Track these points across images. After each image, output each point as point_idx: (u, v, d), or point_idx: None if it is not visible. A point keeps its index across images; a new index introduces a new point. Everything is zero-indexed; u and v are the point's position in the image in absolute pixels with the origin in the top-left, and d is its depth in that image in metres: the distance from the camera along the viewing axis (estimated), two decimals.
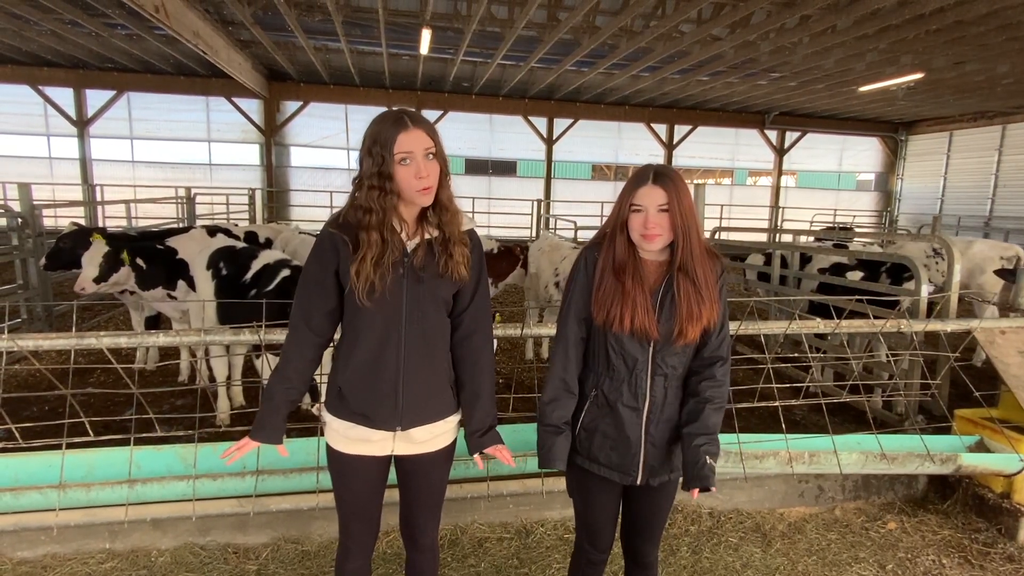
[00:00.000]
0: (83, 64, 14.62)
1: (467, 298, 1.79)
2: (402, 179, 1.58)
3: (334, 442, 1.78)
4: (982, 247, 6.41)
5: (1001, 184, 17.12)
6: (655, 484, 1.81)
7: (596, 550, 1.96)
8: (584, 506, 1.92)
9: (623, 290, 1.68)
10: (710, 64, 11.97)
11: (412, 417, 1.72)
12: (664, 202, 1.63)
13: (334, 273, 1.69)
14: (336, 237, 1.65)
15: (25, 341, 2.43)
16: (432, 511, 1.89)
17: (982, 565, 2.89)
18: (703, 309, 1.68)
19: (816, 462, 2.93)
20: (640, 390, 1.73)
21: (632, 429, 1.74)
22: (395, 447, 1.77)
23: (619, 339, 1.71)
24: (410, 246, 1.67)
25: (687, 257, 1.67)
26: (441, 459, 1.85)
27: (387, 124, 1.58)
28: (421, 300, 1.68)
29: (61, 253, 4.84)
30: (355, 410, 1.71)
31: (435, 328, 1.74)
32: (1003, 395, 3.48)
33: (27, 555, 2.66)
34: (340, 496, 1.82)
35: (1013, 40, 9.63)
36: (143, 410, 2.60)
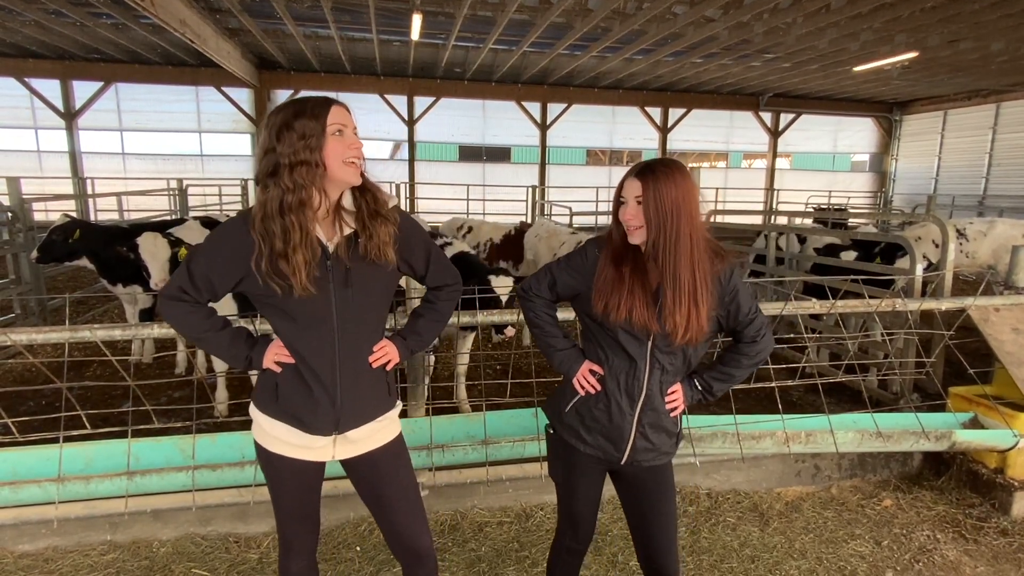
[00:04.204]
0: (69, 55, 14.41)
1: (422, 267, 1.77)
2: (332, 151, 1.49)
3: (267, 443, 1.66)
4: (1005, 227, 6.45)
5: (995, 163, 17.14)
6: (646, 466, 1.79)
7: (576, 537, 1.93)
8: (567, 488, 1.90)
9: (620, 279, 1.66)
10: (704, 46, 11.89)
11: (350, 420, 1.64)
12: (639, 194, 1.61)
13: (232, 275, 1.56)
14: (243, 233, 1.52)
15: (18, 335, 2.41)
16: (415, 509, 1.77)
17: (976, 539, 2.93)
18: (697, 309, 1.60)
19: (812, 441, 2.96)
20: (637, 383, 1.72)
21: (625, 419, 1.74)
22: (335, 451, 1.69)
23: (618, 332, 1.69)
24: (331, 246, 1.56)
25: (666, 254, 1.59)
26: (394, 452, 1.76)
27: (310, 101, 1.51)
28: (351, 301, 1.59)
29: (53, 246, 4.81)
30: (288, 411, 1.62)
31: (370, 329, 1.67)
32: (997, 372, 3.51)
33: (28, 548, 2.67)
34: (277, 499, 1.73)
35: (1007, 17, 9.58)
36: (140, 402, 2.60)
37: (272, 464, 1.69)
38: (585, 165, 19.07)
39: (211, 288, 1.59)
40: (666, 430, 1.78)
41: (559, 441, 1.87)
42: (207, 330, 1.65)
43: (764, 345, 1.78)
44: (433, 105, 17.12)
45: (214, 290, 1.60)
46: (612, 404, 1.75)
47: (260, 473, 2.55)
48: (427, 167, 17.62)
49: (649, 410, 1.74)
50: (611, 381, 1.74)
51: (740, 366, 1.80)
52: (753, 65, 13.91)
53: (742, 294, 1.72)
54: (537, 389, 3.00)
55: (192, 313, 1.62)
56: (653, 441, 1.76)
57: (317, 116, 1.48)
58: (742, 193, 18.92)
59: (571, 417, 1.82)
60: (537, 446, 2.83)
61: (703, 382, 1.82)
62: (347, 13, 10.64)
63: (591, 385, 1.77)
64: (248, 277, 1.55)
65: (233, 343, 1.66)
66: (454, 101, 17.20)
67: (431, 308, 1.85)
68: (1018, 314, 3.41)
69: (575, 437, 1.82)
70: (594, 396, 1.77)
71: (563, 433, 1.85)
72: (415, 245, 1.72)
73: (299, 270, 1.48)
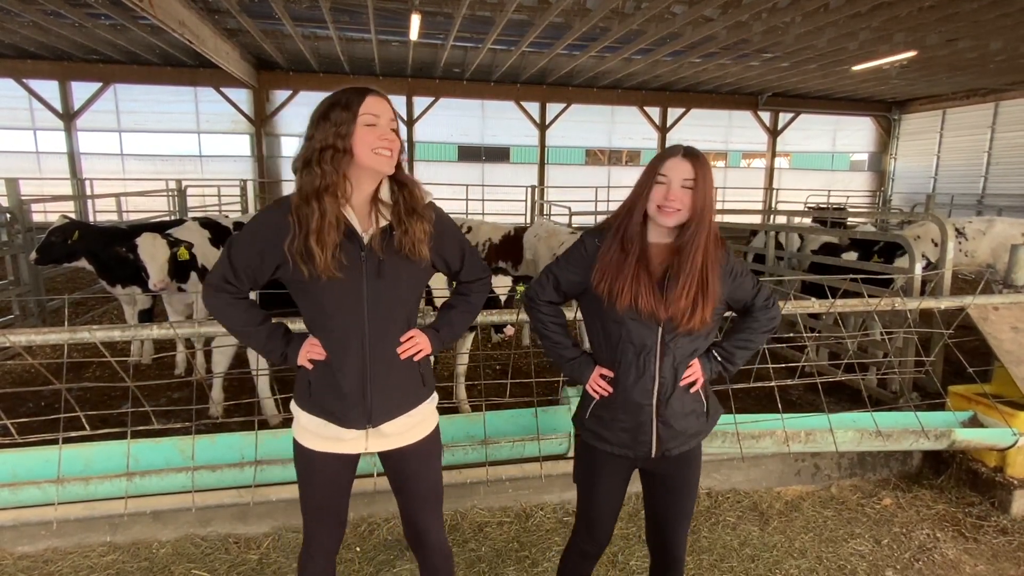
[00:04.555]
0: (68, 56, 14.40)
1: (456, 263, 1.80)
2: (363, 140, 1.51)
3: (302, 438, 1.70)
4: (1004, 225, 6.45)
5: (994, 162, 17.15)
6: (674, 454, 1.78)
7: (593, 541, 1.91)
8: (589, 489, 1.88)
9: (624, 263, 1.65)
10: (702, 46, 11.90)
11: (381, 413, 1.66)
12: (690, 177, 1.60)
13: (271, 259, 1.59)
14: (281, 217, 1.56)
15: (17, 336, 2.41)
16: (431, 508, 1.82)
17: (976, 538, 2.93)
18: (704, 296, 1.64)
19: (812, 441, 2.96)
20: (649, 372, 1.71)
21: (642, 411, 1.73)
22: (368, 444, 1.70)
23: (626, 321, 1.68)
24: (366, 237, 1.59)
25: (699, 240, 1.62)
26: (426, 452, 1.77)
27: (349, 92, 1.54)
28: (384, 293, 1.61)
29: (51, 247, 4.80)
30: (321, 406, 1.65)
31: (400, 322, 1.68)
32: (996, 370, 3.51)
33: (28, 550, 2.67)
34: (305, 495, 1.75)
35: (1005, 16, 9.59)
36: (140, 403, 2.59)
37: (304, 458, 1.73)
38: (584, 165, 19.07)
39: (251, 275, 1.62)
40: (691, 412, 1.78)
41: (583, 445, 1.88)
42: (247, 323, 1.69)
43: (776, 311, 1.84)
44: (432, 105, 17.12)
45: (254, 277, 1.63)
46: (628, 400, 1.74)
47: (260, 474, 2.56)
48: (426, 167, 17.60)
49: (666, 399, 1.73)
50: (624, 376, 1.73)
51: (757, 332, 1.85)
52: (752, 64, 13.91)
53: (741, 271, 1.77)
54: (537, 389, 3.00)
55: (233, 305, 1.67)
56: (677, 428, 1.75)
57: (350, 106, 1.52)
58: (741, 192, 18.92)
59: (592, 421, 1.82)
60: (537, 446, 2.83)
61: (723, 351, 1.82)
62: (346, 13, 10.64)
63: (603, 388, 1.77)
64: (284, 262, 1.58)
65: (270, 338, 1.70)
66: (453, 101, 17.19)
67: (464, 300, 1.88)
68: (1017, 313, 3.41)
69: (598, 439, 1.81)
70: (610, 396, 1.77)
71: (587, 437, 1.84)
72: (450, 242, 1.75)
73: (325, 249, 1.51)
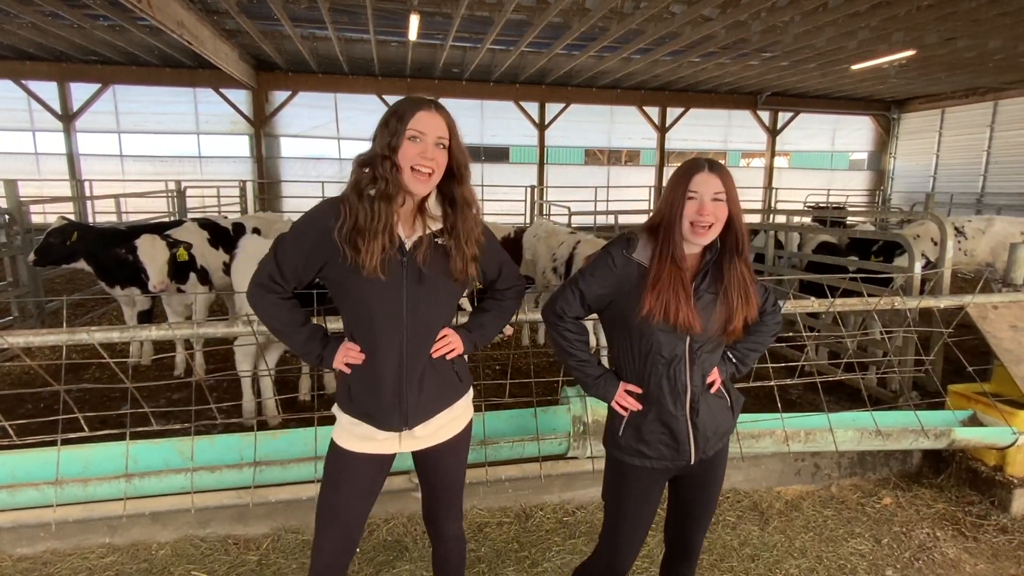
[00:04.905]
0: (66, 57, 14.38)
1: (494, 274, 1.85)
2: (406, 155, 1.54)
3: (341, 439, 1.73)
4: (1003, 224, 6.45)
5: (993, 160, 17.15)
6: (710, 455, 1.80)
7: (615, 566, 1.85)
8: (622, 509, 1.83)
9: (682, 280, 1.65)
10: (701, 45, 11.89)
11: (417, 416, 1.69)
12: (720, 190, 1.64)
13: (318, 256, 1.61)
14: (330, 212, 1.58)
15: (15, 338, 2.40)
16: (451, 503, 1.86)
17: (976, 537, 2.93)
18: (750, 302, 1.70)
19: (812, 440, 2.96)
20: (680, 383, 1.71)
21: (678, 423, 1.73)
22: (401, 445, 1.73)
23: (655, 333, 1.68)
24: (408, 243, 1.61)
25: (736, 251, 1.68)
26: (453, 451, 1.81)
27: (411, 101, 1.58)
28: (422, 300, 1.63)
29: (50, 248, 4.79)
30: (361, 409, 1.68)
31: (438, 324, 1.71)
32: (995, 369, 3.51)
33: (27, 551, 2.66)
34: (326, 498, 1.73)
35: (1004, 15, 9.59)
36: (139, 404, 2.59)
37: (337, 458, 1.73)
38: (584, 165, 19.06)
39: (297, 274, 1.64)
40: (719, 411, 1.80)
41: (617, 464, 1.84)
42: (289, 324, 1.71)
43: (780, 315, 1.91)
44: None
45: (300, 276, 1.65)
46: (663, 412, 1.73)
47: (259, 474, 2.56)
48: None
49: (698, 406, 1.74)
50: (656, 389, 1.73)
51: (765, 335, 1.90)
52: (751, 64, 13.91)
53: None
54: (536, 389, 2.99)
55: (278, 305, 1.69)
56: (710, 431, 1.77)
57: (402, 117, 1.55)
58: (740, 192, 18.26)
59: (628, 438, 1.79)
60: (536, 446, 2.83)
61: (737, 353, 1.87)
62: (345, 14, 10.63)
63: (632, 404, 1.76)
64: (331, 261, 1.59)
65: (310, 340, 1.72)
66: (452, 101, 17.15)
67: (497, 304, 1.90)
68: (1016, 311, 3.41)
69: (638, 456, 1.77)
70: (642, 410, 1.76)
71: (623, 456, 1.80)
72: (490, 259, 1.79)
73: (374, 255, 1.53)
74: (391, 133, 1.54)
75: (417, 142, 1.54)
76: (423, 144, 1.55)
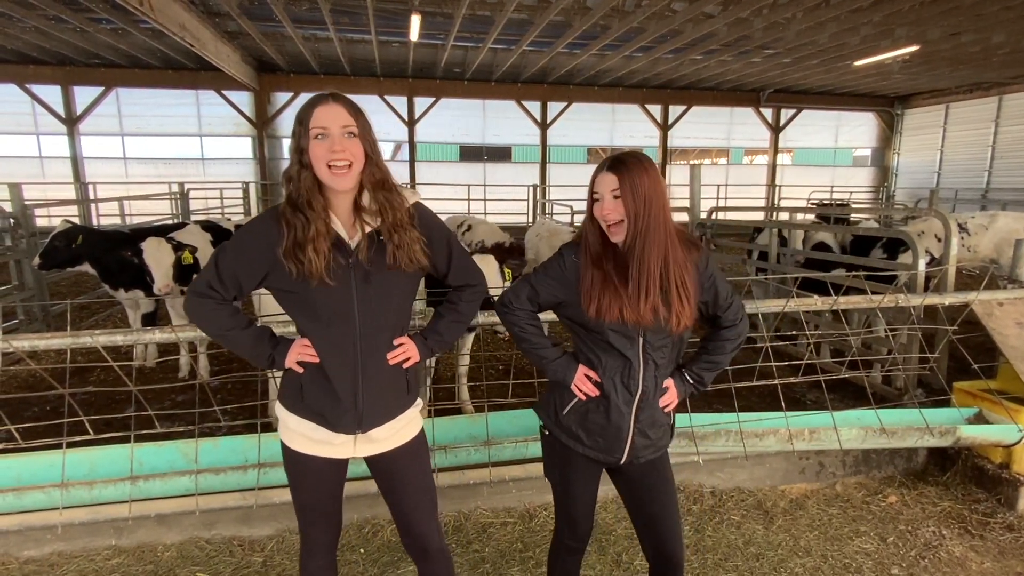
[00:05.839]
0: (70, 61, 14.45)
1: (444, 264, 1.76)
2: (315, 155, 1.49)
3: (292, 441, 1.69)
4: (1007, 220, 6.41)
5: (998, 156, 17.05)
6: (642, 461, 1.80)
7: (575, 537, 1.92)
8: (564, 487, 1.88)
9: (606, 279, 1.66)
10: (703, 43, 11.86)
11: (372, 418, 1.66)
12: (615, 187, 1.61)
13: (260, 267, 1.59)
14: (272, 225, 1.56)
15: (20, 342, 2.41)
16: (427, 512, 1.80)
17: (982, 535, 2.91)
18: (681, 296, 1.63)
19: (816, 439, 2.95)
20: (633, 381, 1.72)
21: (623, 419, 1.74)
22: (356, 449, 1.70)
23: (607, 332, 1.68)
24: (352, 244, 1.58)
25: (646, 243, 1.60)
26: (410, 454, 1.77)
27: (309, 101, 1.53)
28: (373, 299, 1.60)
29: (55, 252, 4.81)
30: (314, 409, 1.65)
31: (392, 327, 1.68)
32: (1001, 366, 3.49)
33: (33, 554, 2.68)
34: (297, 496, 1.75)
35: (1008, 9, 9.53)
36: (143, 407, 2.60)
37: (295, 462, 1.72)
38: (586, 163, 19.01)
39: (237, 283, 1.62)
40: (661, 424, 1.80)
41: (555, 443, 1.87)
42: (231, 328, 1.68)
43: (743, 327, 1.83)
44: (433, 105, 17.11)
45: (240, 285, 1.63)
46: (611, 406, 1.74)
47: (263, 476, 2.57)
48: (428, 167, 17.61)
49: (645, 407, 1.75)
50: (607, 383, 1.73)
51: (724, 351, 1.83)
52: (753, 61, 13.86)
53: (719, 280, 1.76)
54: (539, 389, 2.99)
55: (217, 310, 1.66)
56: (651, 437, 1.78)
57: (303, 120, 1.51)
58: (743, 189, 18.87)
59: (569, 419, 1.81)
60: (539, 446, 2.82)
61: (693, 374, 1.83)
62: (346, 15, 10.64)
63: (590, 389, 1.76)
64: (274, 271, 1.57)
65: (257, 342, 1.68)
66: (454, 101, 17.18)
67: (452, 309, 1.84)
68: (1022, 308, 3.39)
69: (573, 439, 1.81)
70: (590, 401, 1.76)
71: (560, 435, 1.84)
72: (435, 242, 1.71)
73: (314, 262, 1.50)
74: (297, 139, 1.51)
75: (323, 139, 1.49)
76: (330, 139, 1.50)
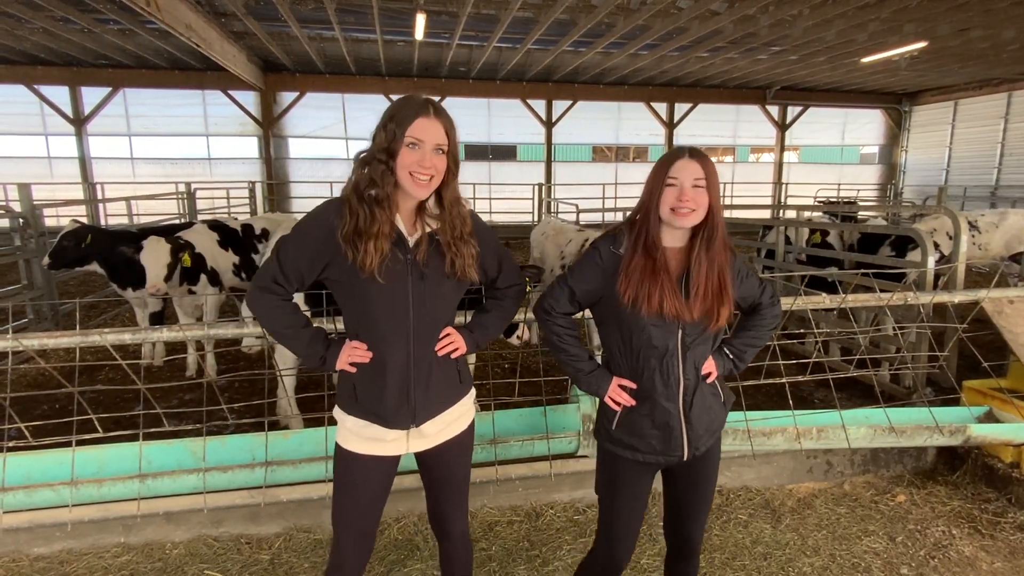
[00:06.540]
0: (77, 61, 14.53)
1: (495, 270, 1.83)
2: (403, 161, 1.54)
3: (346, 441, 1.72)
4: (1017, 217, 6.35)
5: (1007, 153, 16.90)
6: (702, 451, 1.79)
7: (615, 557, 1.86)
8: (615, 501, 1.84)
9: (654, 269, 1.65)
10: (709, 40, 11.80)
11: (425, 413, 1.70)
12: (700, 176, 1.61)
13: (321, 257, 1.61)
14: (332, 213, 1.59)
15: (30, 340, 2.43)
16: (458, 501, 1.87)
17: (992, 535, 2.89)
18: (724, 296, 1.67)
19: (824, 437, 2.93)
20: (672, 376, 1.70)
21: (671, 417, 1.72)
22: (409, 445, 1.73)
23: (647, 327, 1.67)
24: (411, 241, 1.62)
25: (715, 241, 1.65)
26: (459, 447, 1.82)
27: (410, 104, 1.55)
28: (427, 297, 1.64)
29: (64, 251, 4.84)
30: (368, 409, 1.68)
31: (442, 321, 1.72)
32: (1012, 365, 3.46)
33: (43, 551, 2.70)
34: (340, 503, 1.75)
35: (1018, 4, 9.43)
36: (151, 405, 2.61)
37: (346, 461, 1.73)
38: (591, 162, 19.01)
39: (300, 275, 1.63)
40: (711, 406, 1.79)
41: (609, 456, 1.84)
42: (290, 326, 1.71)
43: (779, 308, 1.90)
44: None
45: (302, 277, 1.64)
46: (656, 406, 1.73)
47: (271, 475, 2.57)
48: None
49: (691, 400, 1.73)
50: (649, 383, 1.72)
51: (764, 329, 1.89)
52: (759, 58, 13.79)
53: (747, 272, 1.81)
54: (545, 388, 2.99)
55: (279, 307, 1.68)
56: (703, 426, 1.76)
57: (401, 123, 1.53)
58: (750, 187, 18.77)
59: (620, 431, 1.79)
60: (546, 445, 2.82)
61: (734, 349, 1.85)
62: (351, 14, 10.66)
63: (626, 400, 1.76)
64: (334, 261, 1.59)
65: (312, 342, 1.71)
66: (459, 100, 17.16)
67: (498, 304, 1.91)
68: None
69: (629, 449, 1.78)
70: (636, 404, 1.75)
71: (616, 449, 1.81)
72: (489, 254, 1.78)
73: (372, 257, 1.53)
74: (389, 138, 1.53)
75: (415, 149, 1.53)
76: (421, 152, 1.53)
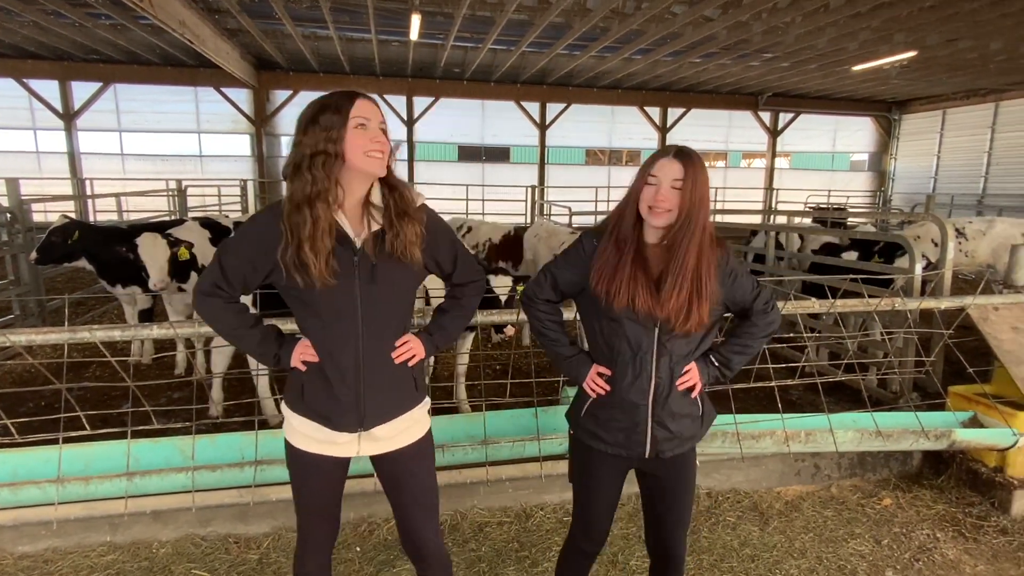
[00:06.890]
0: (68, 56, 14.40)
1: (449, 264, 1.77)
2: (354, 144, 1.49)
3: (295, 440, 1.70)
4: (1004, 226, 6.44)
5: (994, 162, 17.15)
6: (667, 456, 1.78)
7: (590, 540, 1.91)
8: (585, 487, 1.89)
9: (621, 263, 1.66)
10: (702, 46, 11.90)
11: (374, 417, 1.66)
12: (680, 177, 1.60)
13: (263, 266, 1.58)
14: (272, 224, 1.54)
15: (17, 336, 2.41)
16: (427, 513, 1.79)
17: (976, 538, 2.93)
18: (699, 297, 1.62)
19: (812, 441, 2.96)
20: (645, 372, 1.71)
21: (639, 412, 1.73)
22: (360, 448, 1.70)
23: (624, 322, 1.68)
24: (357, 242, 1.58)
25: (689, 240, 1.61)
26: (418, 455, 1.76)
27: (338, 96, 1.52)
28: (377, 299, 1.60)
29: (52, 247, 4.80)
30: (314, 409, 1.65)
31: (395, 325, 1.68)
32: (996, 371, 3.51)
33: (28, 549, 2.67)
34: (299, 495, 1.75)
35: (1006, 16, 9.59)
36: (140, 403, 2.60)
37: (298, 460, 1.72)
38: (584, 165, 19.06)
39: (243, 281, 1.62)
40: (686, 415, 1.78)
41: (578, 444, 1.88)
42: (239, 327, 1.69)
43: (775, 316, 1.83)
44: (432, 105, 17.11)
45: (246, 282, 1.63)
46: (625, 399, 1.74)
47: (260, 473, 2.56)
48: (426, 167, 17.61)
49: (663, 399, 1.73)
50: (620, 376, 1.74)
51: (755, 337, 1.84)
52: (752, 65, 13.91)
53: (741, 273, 1.77)
54: (537, 389, 3.00)
55: (226, 309, 1.66)
56: (672, 429, 1.75)
57: (340, 109, 1.50)
58: (741, 192, 18.92)
59: (588, 419, 1.82)
60: (537, 446, 2.83)
61: (720, 356, 1.82)
62: (346, 13, 10.64)
63: (600, 387, 1.77)
64: (276, 269, 1.57)
65: (263, 341, 1.70)
66: (453, 101, 17.19)
67: (456, 304, 1.87)
68: (1017, 313, 3.41)
69: (593, 438, 1.81)
70: (607, 395, 1.77)
71: (582, 436, 1.85)
72: (442, 244, 1.73)
73: (319, 256, 1.49)
74: (327, 127, 1.48)
75: (364, 129, 1.51)
76: (371, 129, 1.52)
